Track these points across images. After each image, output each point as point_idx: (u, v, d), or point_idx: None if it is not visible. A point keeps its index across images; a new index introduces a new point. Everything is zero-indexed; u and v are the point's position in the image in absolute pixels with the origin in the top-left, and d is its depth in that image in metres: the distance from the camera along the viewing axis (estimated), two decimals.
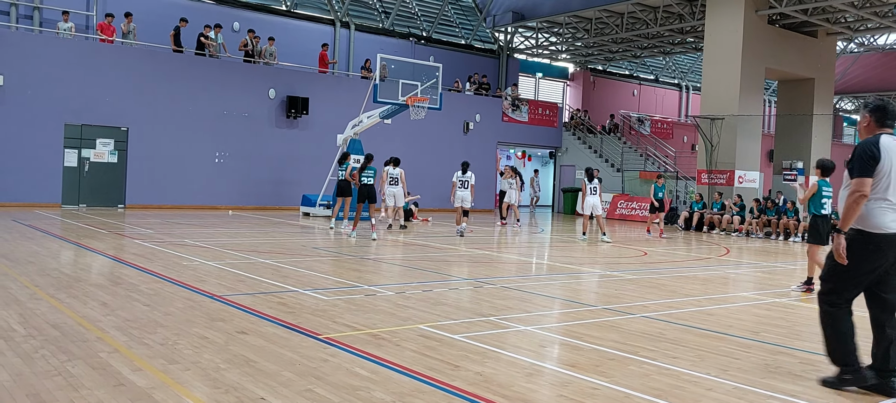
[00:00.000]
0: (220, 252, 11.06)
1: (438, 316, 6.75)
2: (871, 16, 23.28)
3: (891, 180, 4.67)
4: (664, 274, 11.16)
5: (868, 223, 4.68)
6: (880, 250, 4.66)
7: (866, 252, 4.68)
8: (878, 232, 4.66)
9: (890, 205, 4.68)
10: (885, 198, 4.67)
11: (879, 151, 4.65)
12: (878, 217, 4.66)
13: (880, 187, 4.66)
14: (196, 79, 21.45)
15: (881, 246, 4.66)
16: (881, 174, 4.65)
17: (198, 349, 5.22)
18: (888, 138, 4.75)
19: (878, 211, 4.67)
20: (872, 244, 4.67)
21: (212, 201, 21.68)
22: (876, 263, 4.69)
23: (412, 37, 28.73)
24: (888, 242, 4.65)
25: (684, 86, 39.18)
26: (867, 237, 4.68)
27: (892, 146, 4.71)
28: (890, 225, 4.65)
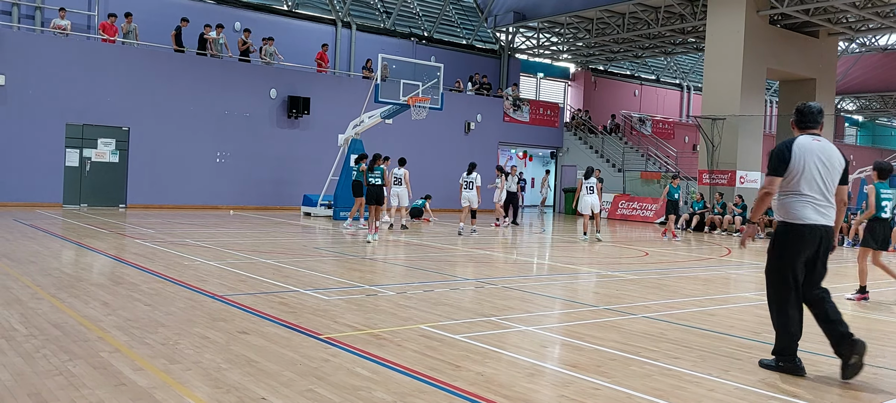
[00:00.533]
0: (222, 252, 11.06)
1: (439, 316, 6.75)
2: (873, 16, 23.26)
3: (804, 176, 5.13)
4: (666, 275, 11.15)
5: (791, 215, 5.19)
6: (804, 239, 5.14)
7: (790, 241, 5.19)
8: (799, 223, 5.15)
9: (806, 198, 5.15)
10: (799, 193, 5.15)
11: (790, 153, 5.15)
12: (798, 210, 5.16)
13: (793, 183, 5.15)
14: (197, 79, 21.46)
15: (804, 234, 5.13)
16: (793, 172, 5.14)
17: (199, 349, 5.22)
18: (806, 139, 5.24)
19: (796, 204, 5.17)
20: (796, 233, 5.16)
21: (213, 201, 21.69)
22: (799, 251, 5.17)
23: (413, 37, 28.72)
24: (811, 231, 5.13)
25: (685, 86, 39.15)
26: (790, 227, 5.19)
27: (810, 146, 5.17)
28: (810, 217, 5.13)
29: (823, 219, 5.16)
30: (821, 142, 5.25)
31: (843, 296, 9.30)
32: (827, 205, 5.19)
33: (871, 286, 11.16)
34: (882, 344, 6.49)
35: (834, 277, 12.26)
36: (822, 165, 5.16)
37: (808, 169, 5.14)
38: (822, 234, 5.16)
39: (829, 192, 5.19)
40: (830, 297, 5.22)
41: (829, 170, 5.18)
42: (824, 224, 5.16)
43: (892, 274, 9.39)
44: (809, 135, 5.29)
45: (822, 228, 5.15)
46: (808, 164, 5.14)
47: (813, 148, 5.18)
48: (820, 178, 5.15)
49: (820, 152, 5.19)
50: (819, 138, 5.29)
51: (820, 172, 5.15)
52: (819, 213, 5.15)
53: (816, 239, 5.14)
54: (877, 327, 7.43)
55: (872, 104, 40.43)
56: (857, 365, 5.00)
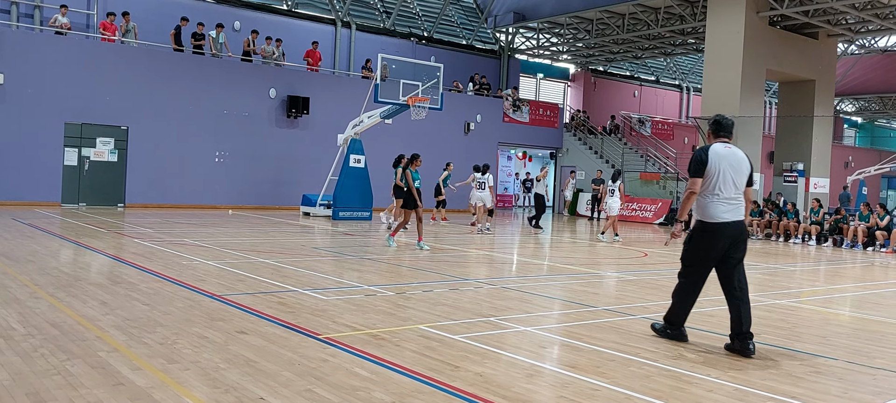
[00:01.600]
0: (220, 251, 11.05)
1: (438, 317, 6.74)
2: (872, 18, 23.26)
3: (719, 179, 5.82)
4: (664, 275, 11.14)
5: (706, 214, 5.88)
6: (717, 235, 5.85)
7: (707, 237, 5.88)
8: (713, 221, 5.85)
9: (721, 199, 5.84)
10: (715, 194, 5.84)
11: (707, 157, 5.84)
12: (713, 209, 5.85)
13: (711, 185, 5.84)
14: (196, 79, 21.45)
15: (717, 232, 5.84)
16: (711, 175, 5.83)
17: (197, 348, 5.21)
18: (720, 145, 5.96)
19: (712, 204, 5.86)
20: (710, 231, 5.86)
21: (212, 201, 21.68)
22: (716, 245, 5.86)
23: (413, 37, 28.72)
24: (723, 228, 5.83)
25: (685, 87, 39.16)
26: (706, 225, 5.89)
27: (722, 152, 5.89)
28: (723, 216, 5.83)
29: (735, 216, 5.86)
30: (731, 149, 5.95)
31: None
32: (738, 205, 5.88)
33: (870, 286, 11.19)
34: (880, 345, 6.49)
35: (833, 278, 12.26)
36: (733, 169, 5.86)
37: (723, 172, 5.82)
38: (734, 230, 5.84)
39: (739, 192, 5.89)
40: (748, 301, 5.88)
41: (739, 173, 5.88)
42: (736, 220, 5.86)
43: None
44: (722, 142, 6.01)
45: (733, 225, 5.85)
46: (722, 168, 5.83)
47: (725, 154, 5.89)
48: (732, 181, 5.84)
49: (731, 158, 5.90)
50: (730, 146, 5.99)
51: (731, 175, 5.84)
52: (731, 212, 5.85)
53: (729, 234, 5.83)
54: (874, 328, 7.43)
55: (871, 105, 40.46)
56: (661, 331, 6.22)
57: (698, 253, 5.97)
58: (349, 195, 19.33)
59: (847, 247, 18.45)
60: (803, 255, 16.29)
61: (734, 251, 5.88)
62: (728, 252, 5.87)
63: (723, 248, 5.86)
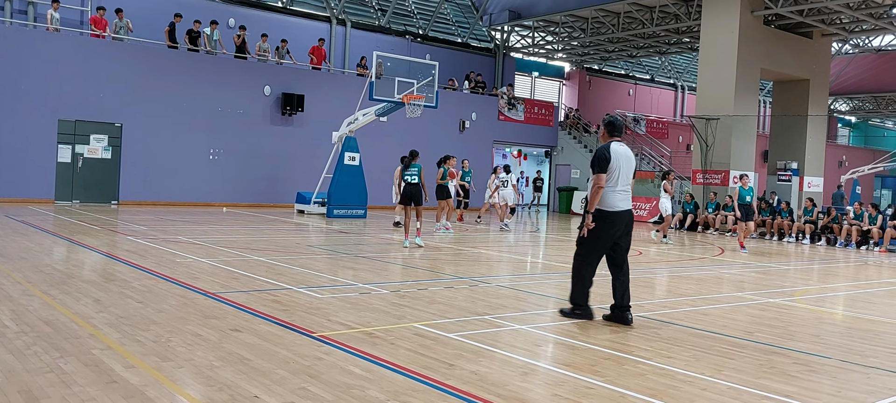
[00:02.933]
0: (214, 249, 11.02)
1: (433, 315, 6.74)
2: (867, 17, 23.34)
3: (620, 174, 6.60)
4: (659, 274, 11.16)
5: (606, 203, 6.61)
6: (614, 222, 6.62)
7: (605, 224, 6.62)
8: (611, 210, 6.61)
9: (618, 190, 6.62)
10: (614, 187, 6.61)
11: (610, 154, 6.60)
12: (612, 199, 6.61)
13: (612, 179, 6.59)
14: (191, 76, 21.38)
15: (614, 219, 6.62)
16: (613, 170, 6.58)
17: (191, 346, 5.20)
18: (616, 144, 6.73)
19: (611, 195, 6.61)
20: (609, 218, 6.61)
21: (206, 198, 21.62)
22: (613, 231, 6.65)
23: (408, 34, 28.69)
24: (618, 216, 6.64)
25: (680, 86, 39.23)
26: (605, 214, 6.62)
27: (619, 150, 6.69)
28: (619, 205, 6.64)
29: (628, 205, 6.74)
30: (624, 147, 6.78)
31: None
32: (628, 195, 6.76)
33: (864, 285, 11.24)
34: (873, 344, 6.51)
35: (826, 277, 12.30)
36: (627, 164, 6.71)
37: (621, 167, 6.63)
38: (628, 217, 6.72)
39: (629, 184, 6.75)
40: (628, 279, 6.78)
41: (630, 168, 6.75)
42: (629, 209, 6.74)
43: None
44: (617, 141, 6.79)
45: (627, 213, 6.72)
46: (621, 164, 6.63)
47: (621, 151, 6.71)
48: (626, 175, 6.68)
49: (626, 154, 6.74)
50: (623, 144, 6.81)
51: (625, 170, 6.67)
52: (625, 201, 6.71)
53: (623, 221, 6.68)
54: (867, 327, 7.46)
55: (865, 105, 40.61)
56: (568, 314, 6.89)
57: (597, 237, 6.66)
58: (344, 193, 19.31)
59: (840, 246, 18.52)
60: (797, 254, 16.34)
61: (625, 237, 6.74)
62: (621, 238, 6.69)
63: (618, 233, 6.66)
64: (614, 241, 6.68)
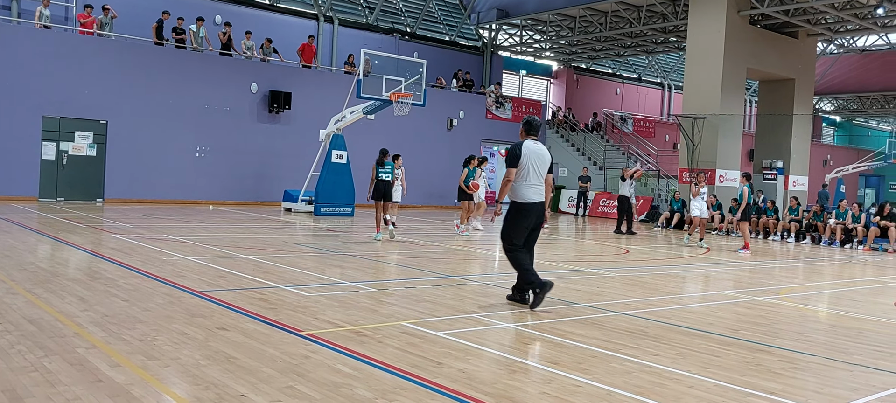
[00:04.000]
0: (201, 247, 10.96)
1: (421, 313, 6.74)
2: (851, 17, 23.54)
3: (530, 169, 7.24)
4: (646, 272, 11.21)
5: (519, 196, 7.30)
6: (527, 213, 7.30)
7: (520, 214, 7.31)
8: (524, 202, 7.29)
9: (529, 184, 7.27)
10: (526, 180, 7.25)
11: (521, 151, 7.23)
12: (524, 192, 7.27)
13: (523, 174, 7.24)
14: (177, 73, 21.23)
15: (527, 210, 7.29)
16: (523, 166, 7.23)
17: (177, 345, 5.17)
18: (529, 142, 7.36)
19: (524, 188, 7.27)
20: (523, 210, 7.28)
21: (192, 196, 21.49)
22: (527, 221, 7.33)
23: (396, 32, 28.64)
24: (531, 207, 7.30)
25: (667, 85, 39.41)
26: (519, 206, 7.30)
27: (532, 147, 7.32)
28: (531, 197, 7.29)
29: (540, 198, 7.34)
30: (537, 145, 7.42)
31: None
32: (540, 188, 7.35)
33: (848, 283, 11.34)
34: (857, 342, 6.57)
35: (811, 275, 12.40)
36: (539, 160, 7.32)
37: (532, 164, 7.25)
38: (539, 208, 7.35)
39: (541, 179, 7.35)
40: (532, 265, 7.36)
41: (542, 164, 7.36)
42: (540, 201, 7.35)
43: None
44: (531, 139, 7.41)
45: (539, 204, 7.34)
46: (531, 160, 7.26)
47: (534, 148, 7.34)
48: (537, 170, 7.29)
49: (538, 151, 7.35)
50: (537, 142, 7.43)
51: (537, 166, 7.29)
52: (537, 194, 7.32)
53: (535, 211, 7.32)
54: (851, 324, 7.53)
55: (850, 104, 40.98)
56: (536, 301, 7.23)
57: (515, 227, 7.33)
58: (331, 191, 19.26)
59: (825, 245, 18.68)
60: (782, 252, 16.46)
61: (537, 226, 7.42)
62: (534, 228, 7.37)
63: (531, 223, 7.33)
64: (529, 230, 7.38)
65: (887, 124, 50.18)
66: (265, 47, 23.11)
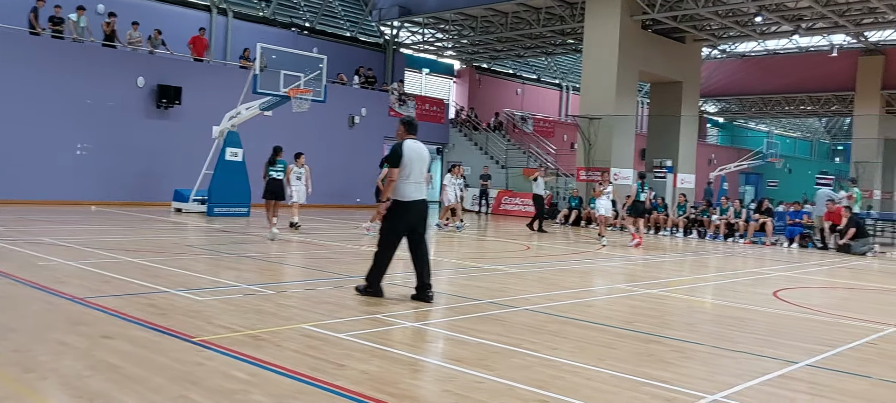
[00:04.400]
0: (83, 251, 10.30)
1: (322, 315, 6.58)
2: (733, 24, 25.00)
3: (412, 168, 7.36)
4: (545, 268, 11.46)
5: (401, 194, 7.39)
6: (409, 210, 7.41)
7: (401, 212, 7.41)
8: (406, 200, 7.39)
9: (411, 182, 7.39)
10: (408, 179, 7.37)
11: (403, 151, 7.38)
12: (406, 190, 7.39)
13: (405, 173, 7.36)
14: (55, 65, 19.90)
15: (409, 207, 7.40)
16: (405, 165, 7.34)
17: (57, 355, 4.81)
18: (410, 142, 7.49)
19: (406, 187, 7.39)
20: (403, 207, 7.39)
21: (73, 196, 20.21)
22: (408, 218, 7.43)
23: (295, 27, 28.04)
24: (413, 205, 7.41)
25: (565, 86, 40.54)
26: (400, 204, 7.40)
27: (413, 147, 7.45)
28: (413, 195, 7.40)
29: (422, 195, 7.50)
30: (418, 144, 7.55)
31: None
32: (422, 186, 7.50)
33: (730, 275, 11.98)
34: (741, 330, 6.94)
35: (698, 268, 13.04)
36: (420, 159, 7.47)
37: (413, 162, 7.39)
38: (422, 206, 7.49)
39: (422, 177, 7.50)
40: (428, 261, 7.50)
41: (423, 163, 7.52)
42: (423, 199, 7.51)
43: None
44: (411, 139, 7.56)
45: (422, 202, 7.49)
46: (413, 159, 7.39)
47: (415, 147, 7.46)
48: (419, 169, 7.44)
49: (418, 150, 7.48)
50: (417, 141, 7.59)
51: (418, 165, 7.43)
52: (418, 191, 7.46)
53: (418, 209, 7.46)
54: (735, 314, 7.94)
55: (732, 106, 43.50)
56: (362, 291, 7.56)
57: (396, 225, 7.45)
58: (225, 190, 18.58)
59: (710, 239, 19.72)
60: (671, 247, 17.25)
61: (421, 223, 7.54)
62: (416, 224, 7.49)
63: (413, 220, 7.45)
64: (411, 227, 7.47)
65: (765, 125, 53.67)
66: (154, 39, 22.04)
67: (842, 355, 6.04)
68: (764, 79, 36.49)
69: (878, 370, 5.57)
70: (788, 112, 41.26)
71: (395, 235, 7.46)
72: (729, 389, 4.79)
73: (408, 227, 7.44)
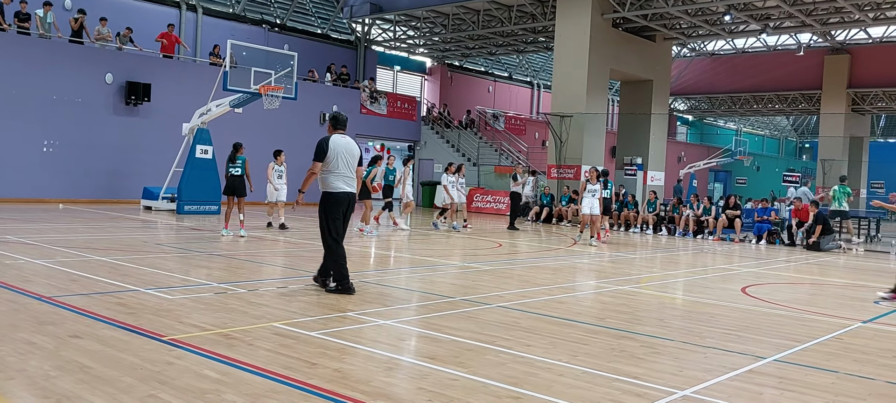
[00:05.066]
0: (50, 249, 10.12)
1: (294, 313, 6.54)
2: (702, 23, 25.32)
3: (339, 162, 7.67)
4: (518, 265, 11.51)
5: (329, 187, 7.70)
6: (338, 202, 7.71)
7: (331, 204, 7.70)
8: (334, 192, 7.70)
9: (339, 175, 7.69)
10: (334, 172, 7.67)
11: (328, 145, 7.63)
12: (334, 183, 7.69)
13: (331, 166, 7.66)
14: (20, 61, 19.50)
15: (338, 199, 7.70)
16: (331, 159, 7.64)
17: (23, 355, 4.72)
18: (337, 136, 7.78)
19: (334, 180, 7.69)
20: (333, 199, 7.69)
21: (39, 194, 19.83)
22: (338, 209, 7.72)
23: (265, 24, 27.80)
24: (342, 196, 7.72)
25: (536, 84, 40.73)
26: (330, 195, 7.70)
27: (339, 142, 7.75)
28: (341, 187, 7.72)
29: (349, 188, 7.78)
30: (345, 139, 7.84)
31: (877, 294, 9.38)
32: (351, 179, 7.80)
33: (700, 271, 12.15)
34: (710, 326, 7.04)
35: (668, 264, 13.20)
36: (348, 154, 7.75)
37: (340, 156, 7.68)
38: (349, 198, 7.79)
39: (352, 171, 7.80)
40: (345, 253, 7.80)
41: (351, 157, 7.80)
42: (350, 191, 7.79)
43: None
44: (339, 134, 7.83)
45: (349, 194, 7.78)
46: (339, 153, 7.68)
47: (342, 142, 7.76)
48: (346, 162, 7.72)
49: (346, 145, 7.78)
50: (345, 136, 7.87)
51: (346, 159, 7.72)
52: (347, 185, 7.76)
53: (345, 201, 7.74)
54: (704, 309, 8.06)
55: (701, 105, 44.08)
56: (335, 290, 7.65)
57: (330, 215, 7.70)
58: (195, 187, 18.36)
59: (679, 236, 19.97)
60: (642, 243, 17.44)
61: (348, 214, 7.84)
62: (344, 216, 7.78)
63: (343, 210, 7.74)
64: (343, 216, 7.80)
65: (734, 123, 54.47)
66: (123, 36, 21.68)
67: (809, 350, 6.16)
68: (733, 78, 37.05)
69: (843, 364, 5.70)
70: (757, 110, 41.91)
71: (333, 224, 7.71)
72: (699, 384, 4.87)
73: (341, 215, 7.73)
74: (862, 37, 31.31)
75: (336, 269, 7.67)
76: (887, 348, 6.42)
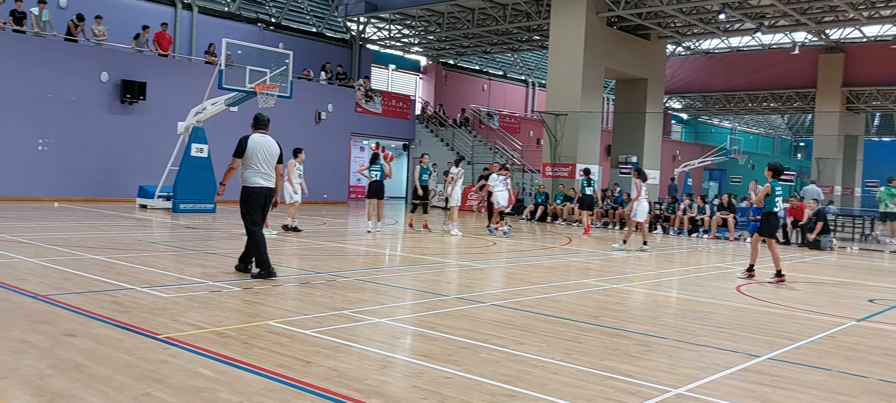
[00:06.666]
0: (44, 248, 10.10)
1: (289, 312, 6.55)
2: (697, 22, 25.38)
3: (257, 159, 8.31)
4: (513, 263, 11.53)
5: (248, 182, 8.34)
6: (257, 195, 8.36)
7: (252, 197, 8.35)
8: (252, 186, 8.34)
9: (257, 172, 8.33)
10: (253, 168, 8.31)
11: (247, 143, 8.30)
12: (253, 179, 8.33)
13: (250, 163, 8.31)
14: (16, 59, 19.43)
15: (255, 193, 8.35)
16: (249, 156, 8.28)
17: (17, 354, 4.71)
18: (257, 135, 8.44)
19: (253, 176, 8.33)
20: (253, 193, 8.35)
21: (34, 192, 19.77)
22: (258, 202, 8.39)
23: (260, 23, 27.74)
24: (260, 191, 8.37)
25: (531, 82, 40.75)
26: (249, 189, 8.34)
27: (258, 140, 8.40)
28: (260, 182, 8.36)
29: (268, 184, 8.43)
30: (265, 138, 8.48)
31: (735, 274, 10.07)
32: (270, 176, 8.44)
33: (694, 270, 12.19)
34: (704, 324, 7.07)
35: (662, 262, 13.23)
36: (267, 152, 8.39)
37: (258, 154, 8.32)
38: (267, 192, 8.44)
39: (270, 168, 8.42)
40: (264, 237, 8.48)
41: (271, 155, 8.42)
42: (268, 186, 8.43)
43: (776, 257, 10.67)
44: (260, 133, 8.49)
45: (267, 189, 8.43)
46: (257, 151, 8.32)
47: (261, 141, 8.40)
48: (264, 159, 8.37)
49: (265, 143, 8.42)
50: (265, 135, 8.51)
51: (264, 156, 8.37)
52: (265, 181, 8.39)
53: (263, 195, 8.40)
54: (698, 308, 8.10)
55: (696, 103, 44.17)
56: (258, 275, 8.29)
57: (251, 208, 8.36)
58: (191, 186, 18.33)
59: (674, 234, 20.02)
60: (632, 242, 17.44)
61: (266, 208, 8.50)
62: (264, 207, 8.46)
63: (261, 204, 8.39)
64: (261, 208, 8.42)
65: (728, 122, 54.59)
66: (96, 27, 21.35)
67: (802, 348, 6.19)
68: (727, 76, 37.13)
69: (836, 362, 5.73)
70: (751, 108, 42.01)
71: (253, 214, 8.37)
72: (693, 382, 4.89)
73: (259, 208, 8.40)
74: (856, 35, 31.40)
75: (257, 254, 8.32)
76: (879, 346, 6.46)
